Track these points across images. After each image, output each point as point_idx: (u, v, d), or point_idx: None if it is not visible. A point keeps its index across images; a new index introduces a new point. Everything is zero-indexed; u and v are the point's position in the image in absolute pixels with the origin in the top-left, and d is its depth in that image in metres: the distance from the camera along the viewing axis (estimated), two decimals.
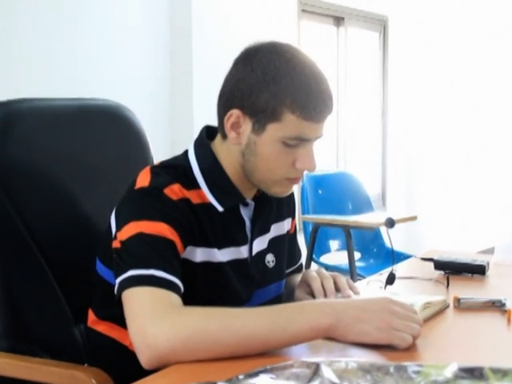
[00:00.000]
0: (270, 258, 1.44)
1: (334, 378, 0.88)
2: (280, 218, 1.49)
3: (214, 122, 1.38)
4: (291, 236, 1.56)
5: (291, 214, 1.55)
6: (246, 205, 1.37)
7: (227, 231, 1.33)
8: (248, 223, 1.37)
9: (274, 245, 1.46)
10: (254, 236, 1.38)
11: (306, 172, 1.34)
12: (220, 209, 1.31)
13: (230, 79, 1.31)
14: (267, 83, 1.24)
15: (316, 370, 0.91)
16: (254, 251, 1.39)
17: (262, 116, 1.25)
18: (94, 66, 3.39)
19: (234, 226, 1.35)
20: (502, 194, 5.91)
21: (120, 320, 1.18)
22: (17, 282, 1.44)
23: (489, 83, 5.94)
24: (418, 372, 0.90)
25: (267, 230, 1.44)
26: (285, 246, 1.51)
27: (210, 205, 1.31)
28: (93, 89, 3.27)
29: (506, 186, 5.92)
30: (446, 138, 5.98)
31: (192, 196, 1.28)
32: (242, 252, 1.36)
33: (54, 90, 2.87)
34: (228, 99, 1.30)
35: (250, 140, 1.28)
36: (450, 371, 0.90)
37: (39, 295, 1.46)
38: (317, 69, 1.29)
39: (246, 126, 1.28)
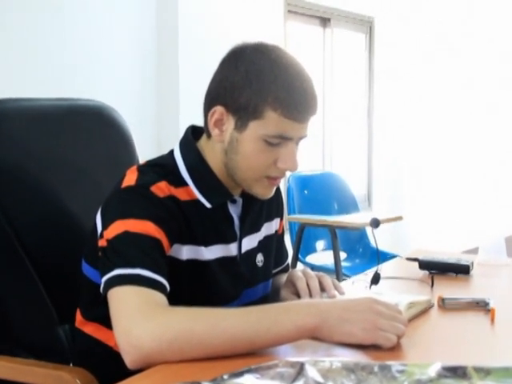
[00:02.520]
0: (259, 258, 1.44)
1: (319, 378, 0.89)
2: (269, 218, 1.50)
3: (200, 122, 1.38)
4: (279, 236, 1.56)
5: (279, 214, 1.55)
6: (233, 202, 1.38)
7: (216, 228, 1.33)
8: (236, 220, 1.38)
9: (264, 244, 1.46)
10: (243, 234, 1.39)
11: (289, 172, 1.34)
12: (208, 205, 1.31)
13: (216, 78, 1.32)
14: (250, 81, 1.25)
15: (300, 369, 0.91)
16: (243, 249, 1.39)
17: (244, 113, 1.26)
18: (80, 66, 3.37)
19: (223, 223, 1.35)
20: (486, 194, 5.95)
21: (106, 320, 1.18)
22: (1, 282, 1.43)
23: (474, 83, 5.98)
24: (401, 371, 0.91)
25: (258, 230, 1.44)
26: (273, 246, 1.51)
27: (198, 201, 1.31)
28: (79, 89, 3.26)
29: (490, 187, 5.97)
30: (431, 138, 6.02)
31: (179, 193, 1.29)
32: (230, 250, 1.36)
33: (39, 91, 2.87)
34: (212, 97, 1.31)
35: (232, 137, 1.29)
36: (433, 370, 0.91)
37: (24, 295, 1.46)
38: (301, 69, 1.29)
39: (229, 123, 1.29)
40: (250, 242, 1.41)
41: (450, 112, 6.02)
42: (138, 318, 1.08)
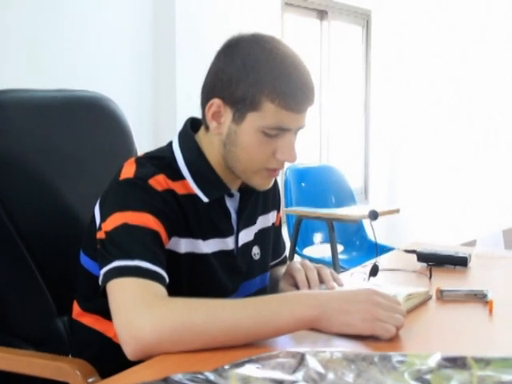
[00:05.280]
0: (255, 251, 1.44)
1: (319, 368, 0.89)
2: (265, 210, 1.49)
3: (197, 114, 1.38)
4: (276, 228, 1.56)
5: (276, 206, 1.55)
6: (231, 196, 1.38)
7: (212, 222, 1.33)
8: (233, 214, 1.38)
9: (260, 237, 1.46)
10: (240, 227, 1.38)
11: (287, 164, 1.34)
12: (205, 200, 1.31)
13: (212, 70, 1.32)
14: (247, 72, 1.25)
15: (301, 359, 0.91)
16: (240, 243, 1.39)
17: (241, 105, 1.26)
18: (77, 57, 3.36)
19: (220, 217, 1.35)
20: (483, 187, 5.96)
21: (105, 312, 1.18)
22: None
23: (471, 77, 5.98)
24: (402, 362, 0.91)
25: (253, 222, 1.44)
26: (270, 239, 1.51)
27: (195, 196, 1.31)
28: (76, 80, 3.24)
29: (488, 180, 5.98)
30: (428, 131, 6.02)
31: (177, 187, 1.28)
32: (227, 243, 1.36)
33: (37, 82, 2.85)
34: (209, 89, 1.31)
35: (230, 130, 1.29)
36: (433, 361, 0.91)
37: (22, 287, 1.45)
38: (298, 59, 1.29)
39: (227, 115, 1.28)
40: (246, 236, 1.41)
41: (447, 105, 6.02)
42: (138, 309, 1.08)
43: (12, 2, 3.07)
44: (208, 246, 1.32)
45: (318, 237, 3.89)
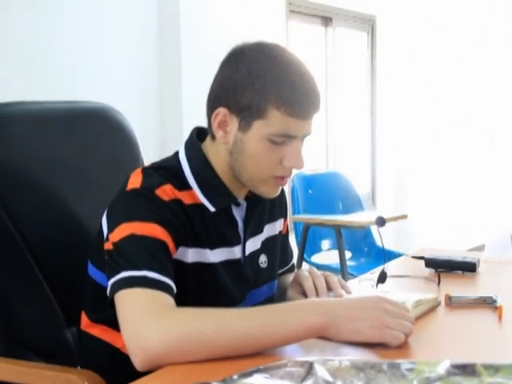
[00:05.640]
0: (263, 259, 1.44)
1: (328, 377, 0.89)
2: (272, 218, 1.49)
3: (203, 124, 1.38)
4: (283, 237, 1.56)
5: (283, 214, 1.55)
6: (237, 205, 1.38)
7: (219, 231, 1.33)
8: (240, 223, 1.38)
9: (267, 245, 1.46)
10: (247, 236, 1.38)
11: (294, 171, 1.34)
12: (212, 209, 1.31)
13: (217, 79, 1.32)
14: (252, 80, 1.25)
15: (310, 368, 0.91)
16: (247, 251, 1.39)
17: (247, 113, 1.26)
18: (82, 68, 3.37)
19: (227, 227, 1.35)
20: (491, 191, 5.95)
21: (113, 322, 1.18)
22: (8, 285, 1.43)
23: (476, 81, 5.98)
24: (410, 369, 0.91)
25: (260, 231, 1.44)
26: (277, 247, 1.51)
27: (202, 205, 1.31)
28: (82, 91, 3.26)
29: (495, 184, 5.96)
30: (434, 136, 6.01)
31: (184, 197, 1.29)
32: (235, 252, 1.36)
33: (43, 93, 2.87)
34: (215, 98, 1.31)
35: (236, 138, 1.29)
36: (442, 368, 0.91)
37: (31, 298, 1.46)
38: (302, 66, 1.29)
39: (233, 124, 1.29)
40: (253, 244, 1.41)
41: (453, 109, 6.02)
42: (146, 319, 1.08)
43: (12, 10, 3.07)
44: (215, 256, 1.32)
45: (325, 243, 3.89)
